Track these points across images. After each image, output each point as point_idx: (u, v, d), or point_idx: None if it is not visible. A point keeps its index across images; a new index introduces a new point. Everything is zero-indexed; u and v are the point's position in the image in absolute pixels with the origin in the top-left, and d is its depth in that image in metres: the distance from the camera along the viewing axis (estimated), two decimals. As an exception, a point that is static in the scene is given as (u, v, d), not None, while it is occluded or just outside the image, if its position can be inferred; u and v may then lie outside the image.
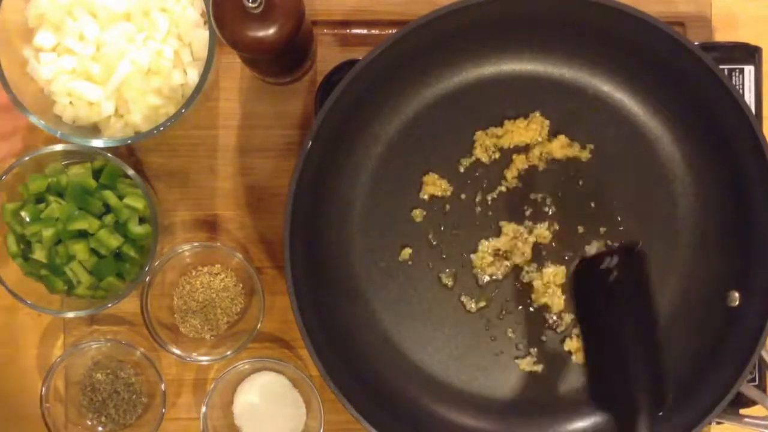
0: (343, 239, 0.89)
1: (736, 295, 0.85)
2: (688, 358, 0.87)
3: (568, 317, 0.89)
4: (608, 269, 0.87)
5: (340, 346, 0.87)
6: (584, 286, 0.88)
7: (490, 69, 0.89)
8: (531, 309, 0.89)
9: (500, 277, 0.89)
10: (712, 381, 0.84)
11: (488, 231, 0.90)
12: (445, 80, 0.89)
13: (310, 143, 0.80)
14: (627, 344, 0.85)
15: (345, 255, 0.89)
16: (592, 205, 0.89)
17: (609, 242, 0.89)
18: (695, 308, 0.89)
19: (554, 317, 0.89)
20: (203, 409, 0.89)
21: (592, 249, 0.89)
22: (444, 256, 0.90)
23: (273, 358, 0.91)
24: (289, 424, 0.92)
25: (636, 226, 0.89)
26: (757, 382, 0.88)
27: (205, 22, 0.85)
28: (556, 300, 0.88)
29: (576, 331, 0.89)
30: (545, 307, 0.89)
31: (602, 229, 0.89)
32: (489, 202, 0.89)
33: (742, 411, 0.85)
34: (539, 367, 0.89)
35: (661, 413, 0.86)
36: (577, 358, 0.89)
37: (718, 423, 0.88)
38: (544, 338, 0.89)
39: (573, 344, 0.89)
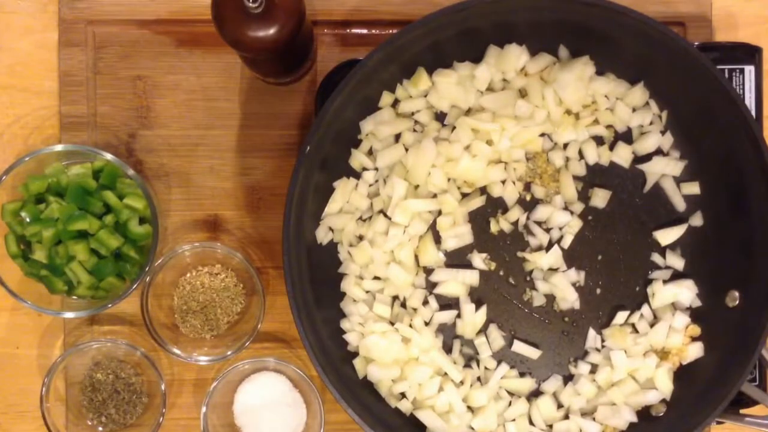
0: (343, 239, 0.90)
1: (736, 294, 0.85)
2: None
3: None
4: None
5: (340, 347, 0.87)
6: None
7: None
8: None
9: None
10: (713, 381, 0.84)
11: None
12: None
13: (311, 143, 0.80)
14: None
15: (345, 255, 0.90)
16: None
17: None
18: (696, 308, 0.89)
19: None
20: (203, 409, 0.89)
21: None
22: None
23: (273, 358, 0.91)
24: (289, 424, 0.92)
25: (636, 227, 0.90)
26: (757, 382, 0.88)
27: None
28: None
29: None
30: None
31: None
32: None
33: (743, 410, 0.85)
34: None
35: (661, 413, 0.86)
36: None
37: (719, 423, 0.88)
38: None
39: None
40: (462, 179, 0.88)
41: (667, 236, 0.89)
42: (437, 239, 0.89)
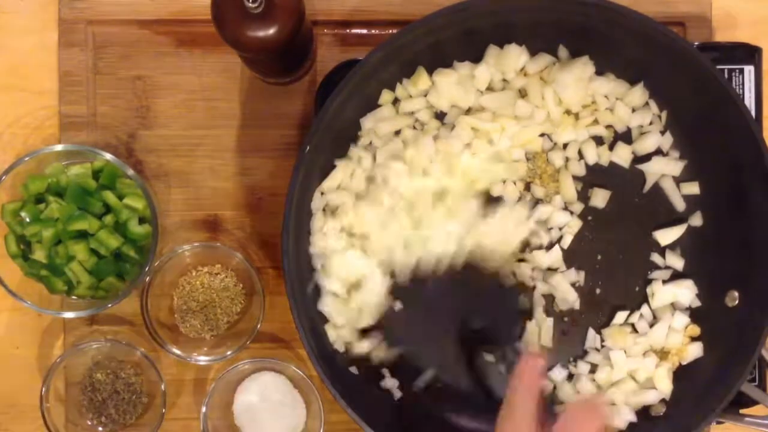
0: (343, 239, 0.89)
1: (736, 294, 0.85)
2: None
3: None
4: None
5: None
6: None
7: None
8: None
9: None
10: (713, 381, 0.84)
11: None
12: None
13: (311, 143, 0.80)
14: None
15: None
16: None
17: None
18: (695, 308, 0.89)
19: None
20: (203, 409, 0.89)
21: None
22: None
23: (273, 358, 0.91)
24: (289, 424, 0.92)
25: (636, 227, 0.90)
26: (757, 382, 0.88)
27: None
28: None
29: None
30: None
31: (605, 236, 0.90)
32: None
33: (743, 411, 0.85)
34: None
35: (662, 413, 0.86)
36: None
37: (719, 423, 0.88)
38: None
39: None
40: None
41: (666, 236, 0.89)
42: (437, 239, 0.89)
